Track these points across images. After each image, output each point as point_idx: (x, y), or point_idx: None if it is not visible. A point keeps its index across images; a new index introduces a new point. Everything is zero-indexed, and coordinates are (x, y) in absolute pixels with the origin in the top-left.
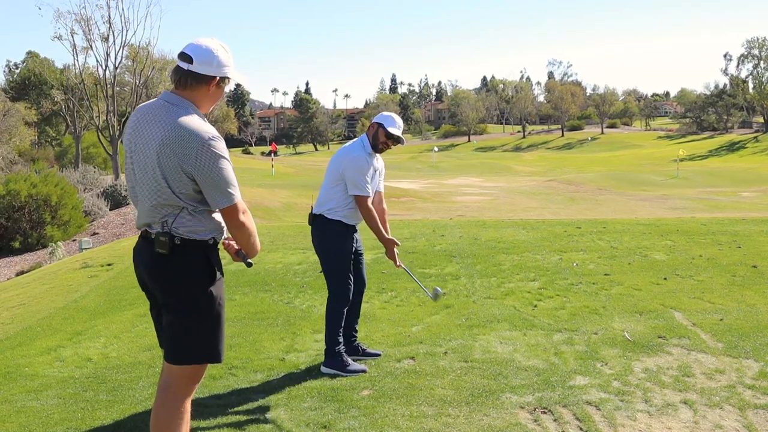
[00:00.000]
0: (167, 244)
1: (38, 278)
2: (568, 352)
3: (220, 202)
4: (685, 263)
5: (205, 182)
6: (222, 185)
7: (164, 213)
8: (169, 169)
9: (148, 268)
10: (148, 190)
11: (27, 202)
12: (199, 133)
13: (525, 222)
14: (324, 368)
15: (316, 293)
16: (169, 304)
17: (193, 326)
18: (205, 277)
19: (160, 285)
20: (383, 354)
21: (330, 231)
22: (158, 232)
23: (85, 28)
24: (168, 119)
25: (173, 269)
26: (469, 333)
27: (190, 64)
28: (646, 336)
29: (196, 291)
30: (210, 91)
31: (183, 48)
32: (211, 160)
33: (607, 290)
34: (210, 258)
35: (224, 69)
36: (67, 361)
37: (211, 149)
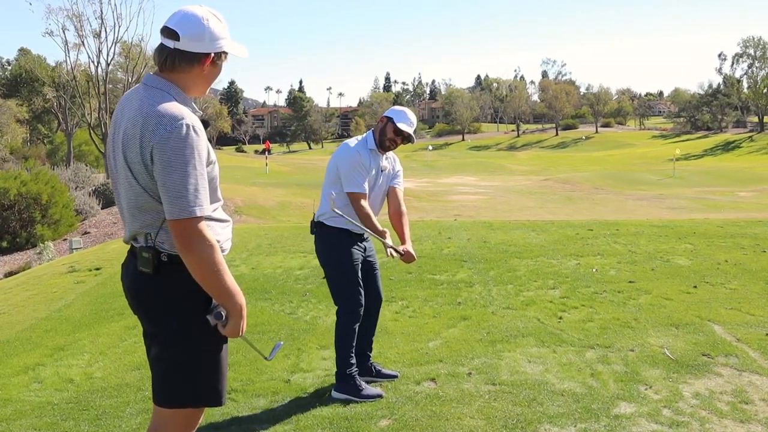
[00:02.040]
0: (151, 261)
1: (22, 283)
2: (605, 372)
3: (168, 210)
4: (711, 269)
5: (159, 179)
6: (175, 186)
7: (144, 221)
8: (133, 161)
9: (132, 290)
10: (123, 190)
11: (16, 200)
12: (168, 114)
13: (533, 224)
14: (335, 393)
15: (320, 302)
16: (157, 334)
17: (185, 361)
18: (198, 301)
19: (145, 310)
20: (400, 375)
21: (331, 240)
22: (141, 247)
23: (77, 24)
24: (139, 102)
25: (160, 292)
26: (493, 350)
27: (177, 42)
28: (688, 353)
29: (189, 319)
30: (204, 72)
31: (166, 21)
32: (172, 150)
33: (635, 299)
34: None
35: (219, 43)
36: (45, 383)
37: (177, 136)
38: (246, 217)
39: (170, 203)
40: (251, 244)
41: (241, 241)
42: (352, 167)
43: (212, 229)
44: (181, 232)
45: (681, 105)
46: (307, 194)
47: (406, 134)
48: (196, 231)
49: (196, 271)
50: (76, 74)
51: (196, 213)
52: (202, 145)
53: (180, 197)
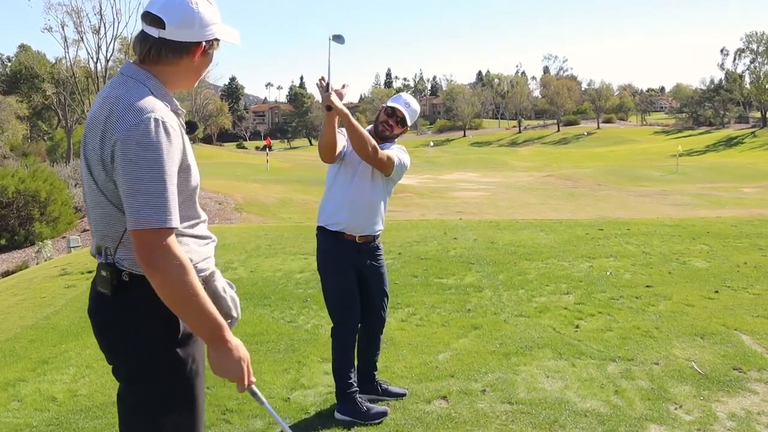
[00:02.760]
0: (109, 281)
1: (12, 287)
2: (630, 389)
3: (129, 219)
4: (731, 272)
5: (120, 181)
6: (138, 190)
7: (104, 232)
8: (91, 157)
9: (91, 313)
10: (86, 193)
11: (15, 198)
12: (135, 107)
13: (542, 223)
14: (338, 414)
15: (322, 309)
16: (118, 369)
17: (149, 406)
18: (165, 331)
19: (103, 338)
20: (409, 392)
21: (320, 245)
22: (100, 264)
23: (76, 20)
24: (107, 92)
25: (119, 318)
26: (507, 363)
27: (162, 30)
28: (717, 367)
29: (152, 352)
30: (195, 63)
31: (148, 5)
32: (135, 147)
33: (654, 306)
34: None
35: (210, 29)
36: (25, 401)
37: (142, 131)
38: (246, 214)
39: (131, 210)
40: (250, 245)
41: (240, 242)
42: None
43: (186, 246)
44: (143, 246)
45: (683, 101)
46: (308, 191)
47: (399, 114)
48: (161, 245)
49: (163, 295)
50: (76, 70)
51: (162, 223)
52: (175, 146)
53: (143, 204)
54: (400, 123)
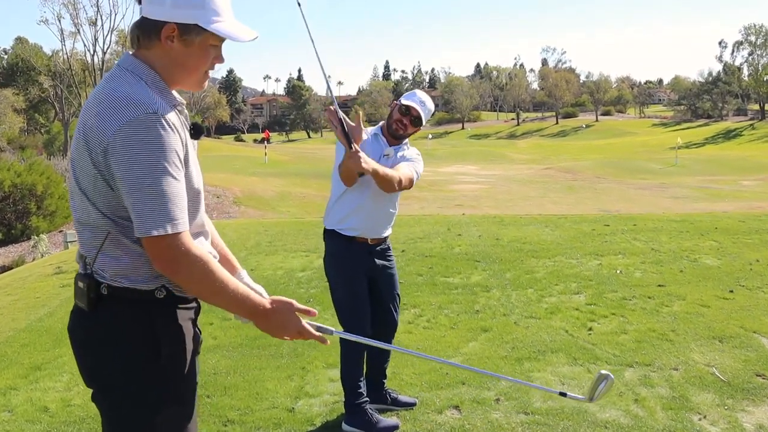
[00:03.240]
0: (86, 294)
1: (5, 285)
2: (650, 398)
3: (138, 226)
4: (744, 270)
5: (118, 185)
6: (138, 193)
7: (86, 238)
8: (79, 159)
9: (69, 329)
10: (72, 197)
11: (11, 191)
12: (130, 101)
13: (546, 218)
14: (346, 426)
15: (326, 310)
16: (97, 391)
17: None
18: (143, 354)
19: (81, 358)
20: (419, 401)
21: (330, 249)
22: (78, 274)
23: (72, 12)
24: (101, 87)
25: (96, 336)
26: (520, 369)
27: (138, 5)
28: (740, 373)
29: (128, 377)
30: (170, 50)
31: None
32: (129, 148)
33: (668, 307)
34: (154, 323)
35: (186, 11)
36: (16, 412)
37: (136, 129)
38: (245, 208)
39: (136, 217)
40: (250, 242)
41: (239, 239)
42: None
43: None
44: (157, 254)
45: (681, 93)
46: (307, 184)
47: (414, 112)
48: (175, 250)
49: (191, 293)
50: (72, 63)
51: (171, 229)
52: (174, 142)
53: (147, 209)
54: (414, 122)
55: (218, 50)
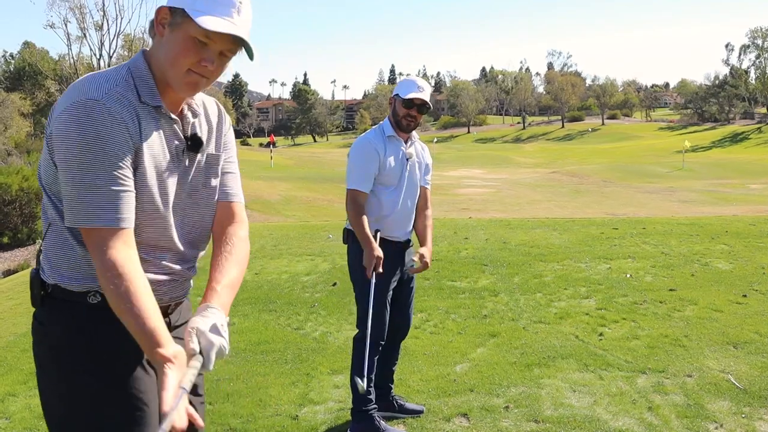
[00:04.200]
0: (32, 290)
1: (8, 289)
2: (664, 405)
3: (68, 216)
4: (757, 274)
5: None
6: (70, 182)
7: (43, 231)
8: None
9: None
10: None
11: (18, 195)
12: (77, 89)
13: (554, 222)
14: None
15: (331, 314)
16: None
17: None
18: (67, 362)
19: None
20: (426, 409)
21: (354, 250)
22: (33, 268)
23: (79, 16)
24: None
25: (40, 338)
26: (530, 375)
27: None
28: (756, 380)
29: (53, 387)
30: (161, 38)
31: None
32: (63, 131)
33: (680, 311)
34: (83, 330)
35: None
36: (14, 419)
37: (69, 114)
38: (250, 212)
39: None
40: (254, 245)
41: None
42: (355, 160)
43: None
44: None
45: (688, 96)
46: (312, 188)
47: (418, 101)
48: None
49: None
50: (78, 67)
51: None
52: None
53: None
54: (421, 110)
55: (207, 51)
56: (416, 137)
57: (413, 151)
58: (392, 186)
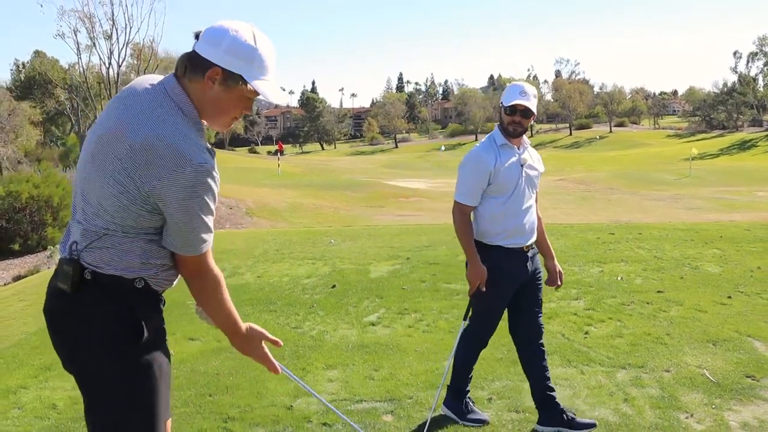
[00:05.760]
0: (70, 276)
1: (18, 292)
2: (640, 397)
3: (182, 249)
4: (744, 277)
5: (172, 219)
6: (187, 226)
7: (79, 231)
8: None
9: (46, 310)
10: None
11: (28, 203)
12: (175, 154)
13: (552, 227)
14: (444, 407)
15: (328, 315)
16: (76, 374)
17: (106, 414)
18: (125, 331)
19: (60, 338)
20: (414, 400)
21: (489, 260)
22: (63, 259)
23: (89, 26)
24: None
25: (77, 315)
26: (514, 370)
27: (196, 41)
28: (730, 375)
29: (110, 352)
30: (209, 89)
31: None
32: (181, 194)
33: (665, 312)
34: (135, 308)
35: (234, 60)
36: (26, 409)
37: (185, 180)
38: (257, 218)
39: (185, 243)
40: (257, 250)
41: (248, 247)
42: (465, 173)
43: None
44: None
45: (696, 104)
46: (320, 195)
47: (521, 108)
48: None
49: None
50: (88, 76)
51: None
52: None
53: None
54: (525, 115)
55: (250, 102)
56: (528, 143)
57: (527, 157)
58: (509, 193)
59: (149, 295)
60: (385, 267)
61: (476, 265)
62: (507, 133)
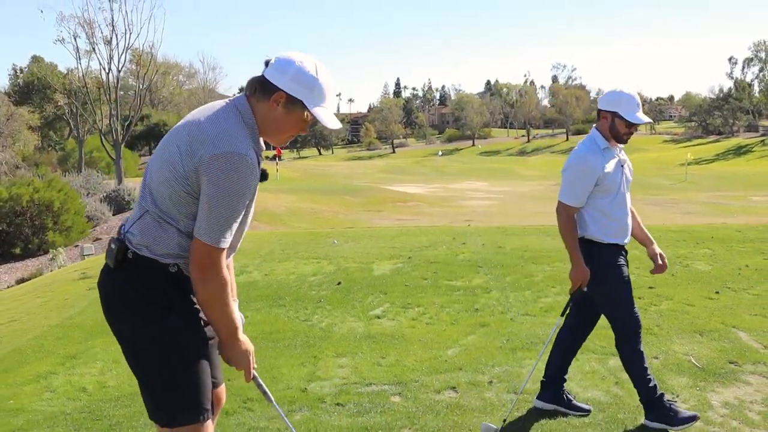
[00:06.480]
0: (115, 254)
1: (33, 290)
2: (629, 381)
3: (199, 230)
4: (732, 274)
5: (203, 197)
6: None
7: (133, 215)
8: (165, 162)
9: (98, 284)
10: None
11: (29, 207)
12: (227, 138)
13: (549, 229)
14: (648, 422)
15: (335, 308)
16: (120, 340)
17: (142, 375)
18: (150, 309)
19: (106, 307)
20: (419, 383)
21: (600, 259)
22: (112, 238)
23: (88, 31)
24: (209, 117)
25: (119, 288)
26: (513, 357)
27: (265, 68)
28: (714, 361)
29: (139, 329)
30: (273, 110)
31: None
32: (220, 174)
33: (656, 306)
34: (167, 290)
35: (298, 88)
36: (58, 392)
37: (226, 162)
38: (256, 223)
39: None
40: (264, 250)
41: (254, 248)
42: (572, 176)
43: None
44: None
45: (692, 109)
46: (318, 200)
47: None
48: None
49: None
50: (87, 81)
51: (220, 245)
52: (253, 184)
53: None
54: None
55: (306, 125)
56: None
57: (624, 157)
58: (613, 193)
59: (182, 280)
60: (387, 265)
61: (579, 266)
62: (618, 140)
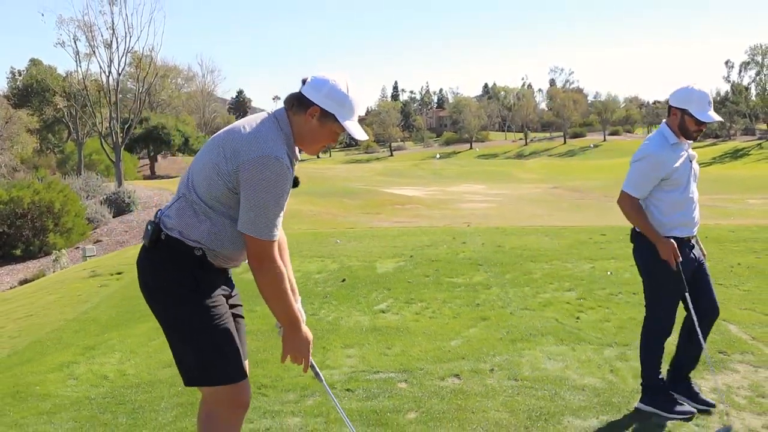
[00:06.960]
0: (150, 235)
1: (44, 287)
2: (624, 369)
3: (249, 229)
4: (725, 272)
5: (244, 197)
6: (260, 211)
7: (170, 201)
8: (207, 159)
9: (137, 262)
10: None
11: (30, 209)
12: (265, 143)
13: (547, 229)
14: (640, 405)
15: (342, 304)
16: (155, 315)
17: (176, 343)
18: (181, 291)
19: (142, 282)
20: (424, 371)
21: (648, 250)
22: (150, 221)
23: (88, 35)
24: (251, 126)
25: (153, 266)
26: (513, 348)
27: (302, 86)
28: (705, 351)
29: (169, 304)
30: (309, 122)
31: None
32: (258, 175)
33: None
34: (194, 273)
35: (331, 103)
36: (81, 379)
37: (263, 163)
38: None
39: (252, 223)
40: None
41: None
42: (640, 168)
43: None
44: (256, 250)
45: None
46: (317, 202)
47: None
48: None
49: (260, 288)
50: (87, 84)
51: (272, 238)
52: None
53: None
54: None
55: (337, 136)
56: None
57: (693, 152)
58: (682, 186)
59: (206, 263)
60: (390, 264)
61: (662, 241)
62: (687, 137)
